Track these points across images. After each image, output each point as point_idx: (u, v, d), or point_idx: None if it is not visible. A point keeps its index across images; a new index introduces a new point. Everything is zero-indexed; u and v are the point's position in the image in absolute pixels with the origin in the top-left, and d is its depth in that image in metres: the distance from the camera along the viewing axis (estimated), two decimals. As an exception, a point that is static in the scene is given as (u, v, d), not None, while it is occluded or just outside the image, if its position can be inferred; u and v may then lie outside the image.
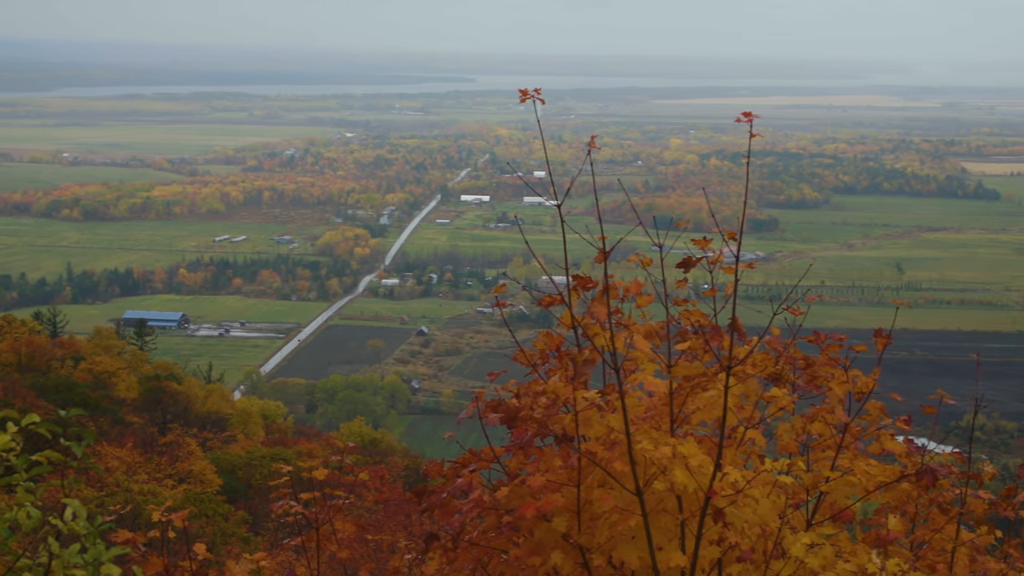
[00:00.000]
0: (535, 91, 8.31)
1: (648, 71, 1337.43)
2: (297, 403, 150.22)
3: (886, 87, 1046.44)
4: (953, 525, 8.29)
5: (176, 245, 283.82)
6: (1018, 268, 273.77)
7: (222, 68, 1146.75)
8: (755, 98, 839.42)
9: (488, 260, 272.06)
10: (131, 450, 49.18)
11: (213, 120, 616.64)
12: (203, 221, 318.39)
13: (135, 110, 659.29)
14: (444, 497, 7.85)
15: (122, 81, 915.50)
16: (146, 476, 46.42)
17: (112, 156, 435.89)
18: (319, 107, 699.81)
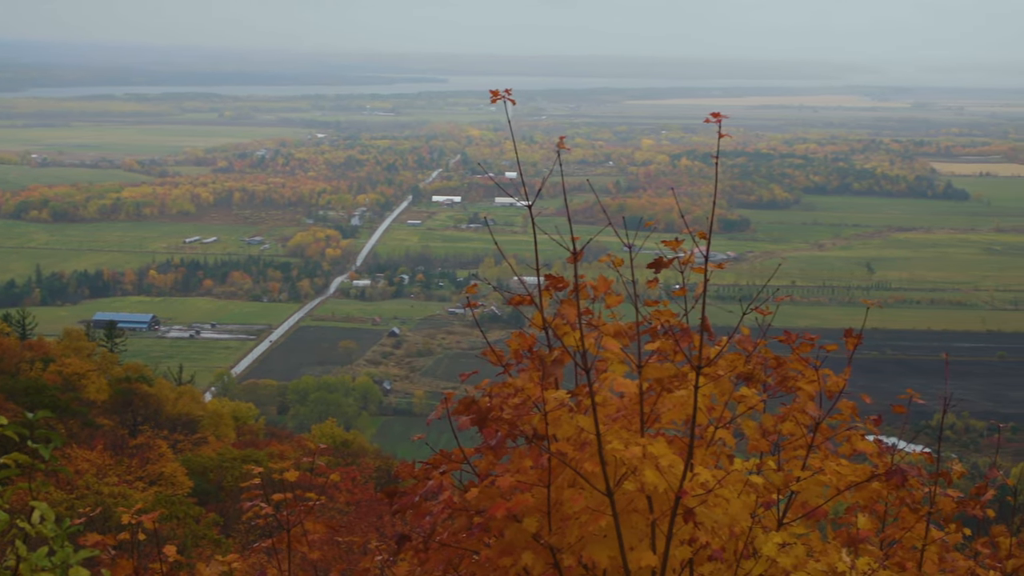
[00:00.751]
0: (506, 92, 8.31)
1: (620, 72, 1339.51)
2: (269, 405, 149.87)
3: (856, 87, 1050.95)
4: (923, 524, 8.33)
5: (146, 246, 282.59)
6: (987, 268, 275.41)
7: (193, 69, 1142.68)
8: (727, 99, 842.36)
9: (460, 261, 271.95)
10: (101, 452, 48.97)
11: (184, 121, 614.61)
12: (173, 222, 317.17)
13: (105, 111, 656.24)
14: (416, 498, 7.84)
15: (92, 82, 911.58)
16: (116, 478, 46.23)
17: (81, 157, 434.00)
18: (290, 108, 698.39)
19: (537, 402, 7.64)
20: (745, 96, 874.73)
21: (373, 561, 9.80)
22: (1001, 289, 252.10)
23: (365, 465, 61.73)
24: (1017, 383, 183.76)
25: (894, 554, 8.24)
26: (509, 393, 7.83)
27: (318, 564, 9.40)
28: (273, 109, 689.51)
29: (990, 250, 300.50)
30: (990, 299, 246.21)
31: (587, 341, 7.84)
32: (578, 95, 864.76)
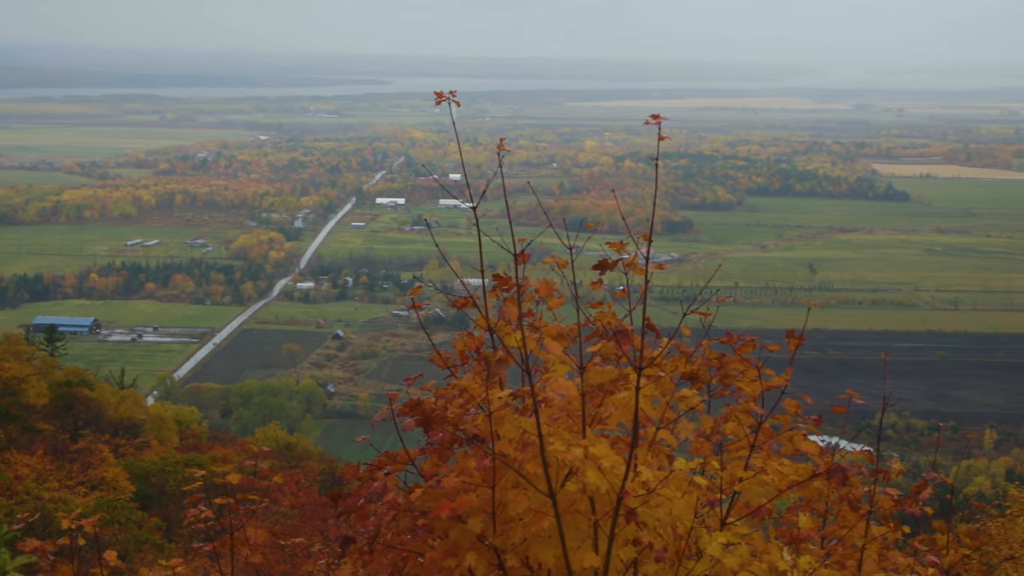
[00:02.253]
0: (451, 93, 8.31)
1: (563, 73, 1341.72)
2: (212, 408, 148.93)
3: (797, 89, 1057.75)
4: (863, 522, 8.40)
5: (87, 249, 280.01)
6: (928, 268, 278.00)
7: (133, 70, 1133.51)
8: (669, 100, 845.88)
9: (404, 263, 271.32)
10: (41, 457, 48.47)
11: (124, 123, 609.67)
12: (114, 225, 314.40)
13: (44, 113, 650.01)
14: (360, 501, 7.81)
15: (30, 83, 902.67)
16: (57, 483, 45.77)
17: (20, 159, 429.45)
18: (232, 109, 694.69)
19: (481, 402, 7.65)
20: (687, 98, 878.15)
21: (316, 564, 9.77)
22: (941, 289, 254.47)
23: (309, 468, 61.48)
24: (957, 382, 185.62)
25: (835, 552, 8.31)
26: (454, 394, 7.84)
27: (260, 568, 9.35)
28: (215, 111, 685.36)
29: (930, 251, 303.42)
30: (931, 299, 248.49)
31: (530, 343, 7.85)
32: (521, 97, 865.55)
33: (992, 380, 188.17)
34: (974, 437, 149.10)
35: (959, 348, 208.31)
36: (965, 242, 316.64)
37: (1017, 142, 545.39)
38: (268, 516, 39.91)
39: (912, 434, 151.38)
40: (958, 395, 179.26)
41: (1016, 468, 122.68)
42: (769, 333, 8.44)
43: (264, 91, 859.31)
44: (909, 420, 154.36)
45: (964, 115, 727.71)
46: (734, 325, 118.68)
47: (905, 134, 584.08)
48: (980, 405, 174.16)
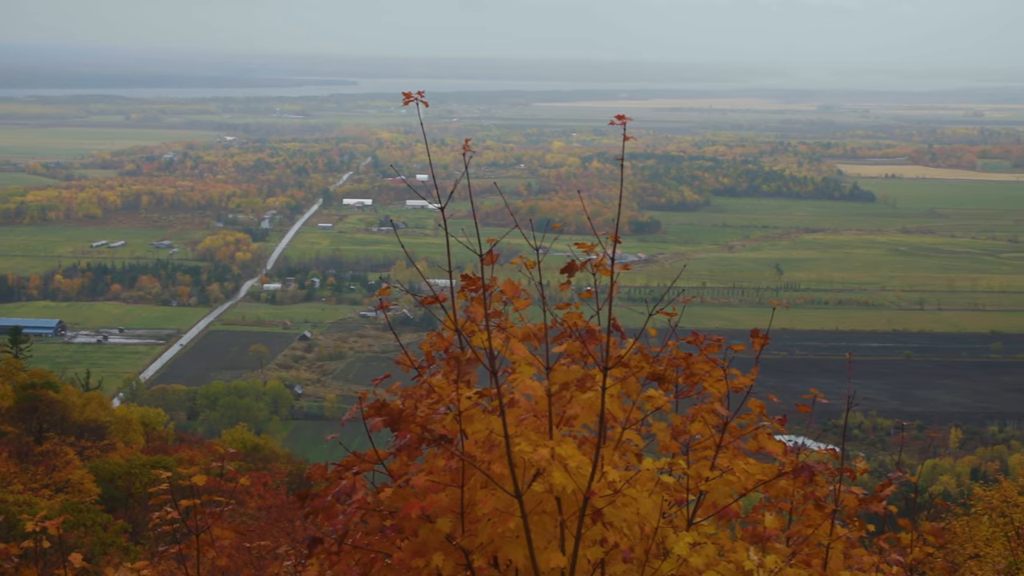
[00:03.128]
0: (419, 94, 8.30)
1: (530, 74, 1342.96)
2: (178, 410, 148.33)
3: (764, 90, 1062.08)
4: (828, 521, 8.43)
5: (52, 251, 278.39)
6: (893, 268, 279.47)
7: (98, 70, 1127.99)
8: (636, 101, 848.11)
9: (371, 264, 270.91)
10: (5, 460, 48.21)
11: (89, 123, 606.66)
12: (80, 226, 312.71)
13: (8, 113, 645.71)
14: (328, 500, 7.80)
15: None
16: (21, 486, 45.52)
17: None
18: (198, 110, 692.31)
19: (450, 402, 7.65)
20: (654, 99, 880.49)
21: (283, 566, 9.74)
22: (907, 289, 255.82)
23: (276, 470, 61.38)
24: (923, 382, 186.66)
25: (800, 551, 8.34)
26: (422, 394, 7.83)
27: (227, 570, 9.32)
28: (181, 112, 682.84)
29: (896, 251, 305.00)
30: (896, 299, 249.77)
31: (497, 343, 7.86)
32: (488, 97, 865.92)
33: (957, 380, 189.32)
34: (939, 436, 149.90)
35: (924, 348, 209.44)
36: (930, 242, 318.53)
37: (981, 143, 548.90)
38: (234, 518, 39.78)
39: (878, 433, 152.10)
40: (923, 394, 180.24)
41: (981, 467, 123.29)
42: (736, 333, 8.46)
43: (230, 92, 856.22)
44: (875, 419, 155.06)
45: (929, 116, 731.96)
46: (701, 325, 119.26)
47: (870, 135, 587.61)
48: (945, 404, 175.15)
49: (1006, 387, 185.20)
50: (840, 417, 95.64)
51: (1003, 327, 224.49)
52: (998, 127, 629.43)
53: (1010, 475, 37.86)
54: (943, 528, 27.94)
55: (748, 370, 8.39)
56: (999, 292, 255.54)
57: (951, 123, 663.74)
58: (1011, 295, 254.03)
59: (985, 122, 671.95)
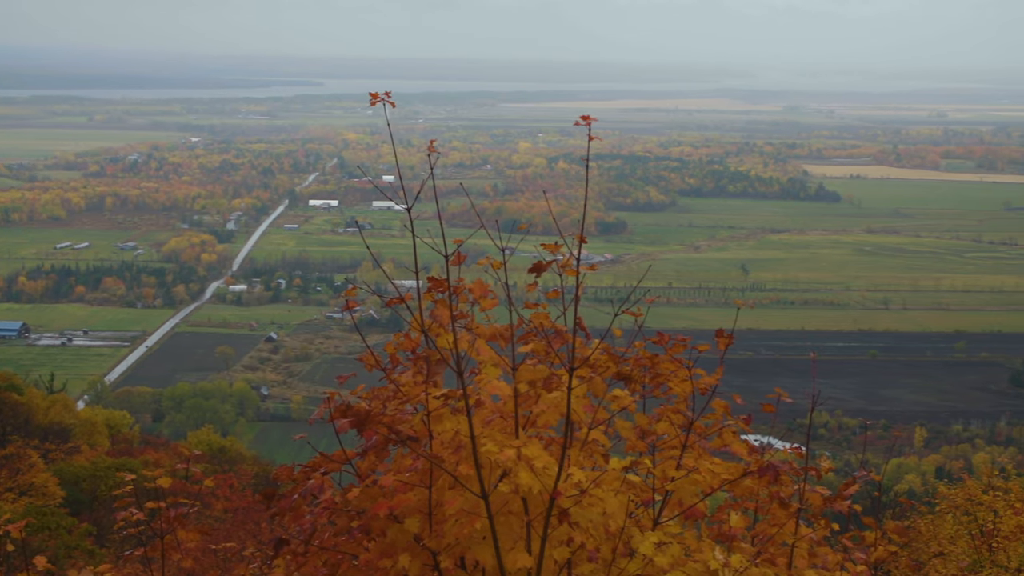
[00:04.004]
0: (385, 94, 8.30)
1: (496, 75, 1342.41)
2: (143, 412, 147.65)
3: (729, 91, 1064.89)
4: (793, 520, 8.46)
5: (15, 253, 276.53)
6: (859, 268, 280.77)
7: (60, 72, 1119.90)
8: (602, 102, 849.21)
9: (337, 265, 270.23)
10: (-30, 464, 47.91)
11: (53, 124, 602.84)
12: (43, 228, 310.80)
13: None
14: (295, 500, 7.78)
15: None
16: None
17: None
18: (163, 111, 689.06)
19: (417, 403, 7.64)
20: (620, 99, 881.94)
21: (248, 568, 9.70)
22: (872, 289, 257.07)
23: (243, 472, 61.18)
24: (888, 381, 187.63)
25: (766, 550, 8.37)
26: (389, 395, 7.82)
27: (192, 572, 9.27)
28: (145, 113, 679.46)
29: (861, 251, 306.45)
30: (861, 299, 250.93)
31: (463, 344, 7.86)
32: (455, 98, 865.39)
33: (922, 379, 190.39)
34: (904, 435, 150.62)
35: (890, 347, 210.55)
36: (895, 242, 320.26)
37: (945, 143, 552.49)
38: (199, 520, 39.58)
39: (844, 432, 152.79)
40: (889, 394, 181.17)
41: (945, 466, 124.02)
42: (702, 333, 8.49)
43: (195, 93, 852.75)
44: (841, 419, 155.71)
45: (893, 117, 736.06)
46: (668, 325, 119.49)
47: (835, 135, 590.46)
48: (911, 403, 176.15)
49: (970, 386, 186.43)
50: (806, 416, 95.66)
51: (967, 326, 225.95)
52: (961, 127, 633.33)
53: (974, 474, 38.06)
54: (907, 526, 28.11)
55: (714, 370, 8.41)
56: (963, 292, 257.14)
57: (915, 124, 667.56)
58: (975, 295, 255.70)
59: (949, 122, 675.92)
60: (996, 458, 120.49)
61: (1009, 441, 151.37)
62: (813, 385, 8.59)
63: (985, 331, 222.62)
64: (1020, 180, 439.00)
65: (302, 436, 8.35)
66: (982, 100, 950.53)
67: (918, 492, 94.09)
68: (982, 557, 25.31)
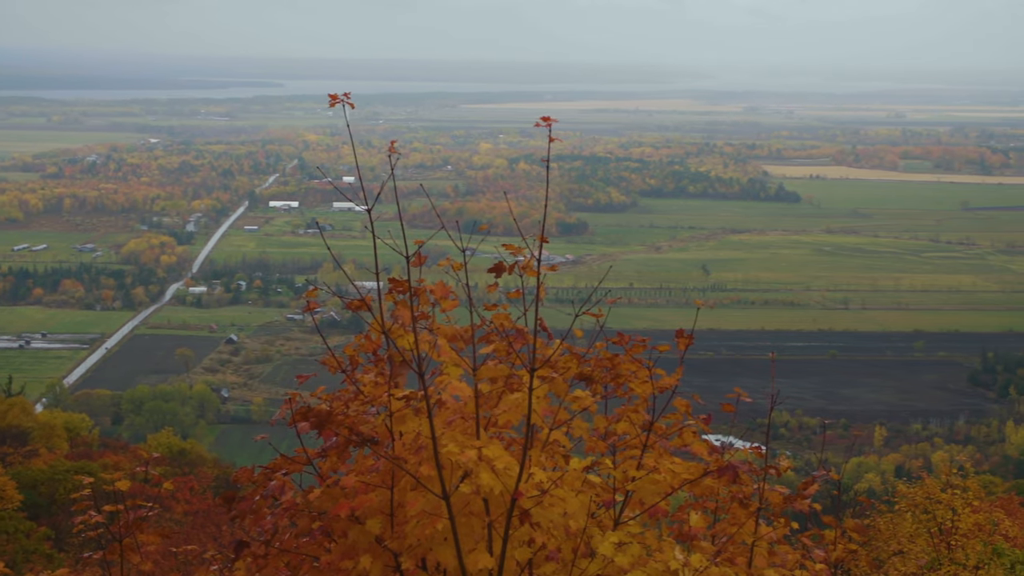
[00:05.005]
0: (345, 95, 8.28)
1: (456, 76, 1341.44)
2: (103, 415, 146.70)
3: (689, 92, 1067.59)
4: (753, 519, 8.50)
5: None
6: (818, 268, 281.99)
7: (16, 72, 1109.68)
8: (562, 103, 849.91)
9: (298, 266, 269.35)
10: (-74, 468, 47.50)
11: (9, 126, 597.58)
12: (0, 230, 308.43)
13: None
14: (255, 502, 7.75)
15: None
16: (-58, 494, 44.85)
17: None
18: (121, 112, 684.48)
19: (379, 404, 7.63)
20: (580, 100, 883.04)
21: (209, 571, 9.65)
22: (831, 289, 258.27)
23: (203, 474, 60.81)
24: (848, 380, 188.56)
25: (726, 550, 8.40)
26: (350, 396, 7.81)
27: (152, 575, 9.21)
28: (103, 114, 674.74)
29: (820, 251, 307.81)
30: (821, 299, 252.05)
31: (424, 345, 7.85)
32: (415, 99, 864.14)
33: (881, 378, 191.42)
34: (864, 434, 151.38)
35: (849, 347, 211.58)
36: (854, 242, 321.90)
37: (903, 143, 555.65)
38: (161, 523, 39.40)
39: (804, 432, 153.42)
40: (849, 393, 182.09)
41: (905, 465, 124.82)
42: (663, 334, 8.52)
43: (153, 93, 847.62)
44: (801, 418, 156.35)
45: (852, 117, 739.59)
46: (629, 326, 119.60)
47: (795, 136, 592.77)
48: (870, 403, 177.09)
49: (929, 385, 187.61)
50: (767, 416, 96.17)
51: (926, 326, 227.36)
52: (919, 128, 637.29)
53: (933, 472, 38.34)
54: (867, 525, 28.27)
55: (674, 370, 8.44)
56: (922, 291, 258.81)
57: (874, 124, 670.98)
58: (933, 294, 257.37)
59: (907, 123, 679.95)
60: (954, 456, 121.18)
61: (967, 440, 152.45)
62: (772, 385, 8.63)
63: (944, 330, 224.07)
64: (977, 180, 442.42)
65: (263, 437, 8.32)
66: (939, 101, 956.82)
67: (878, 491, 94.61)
68: (941, 555, 25.49)
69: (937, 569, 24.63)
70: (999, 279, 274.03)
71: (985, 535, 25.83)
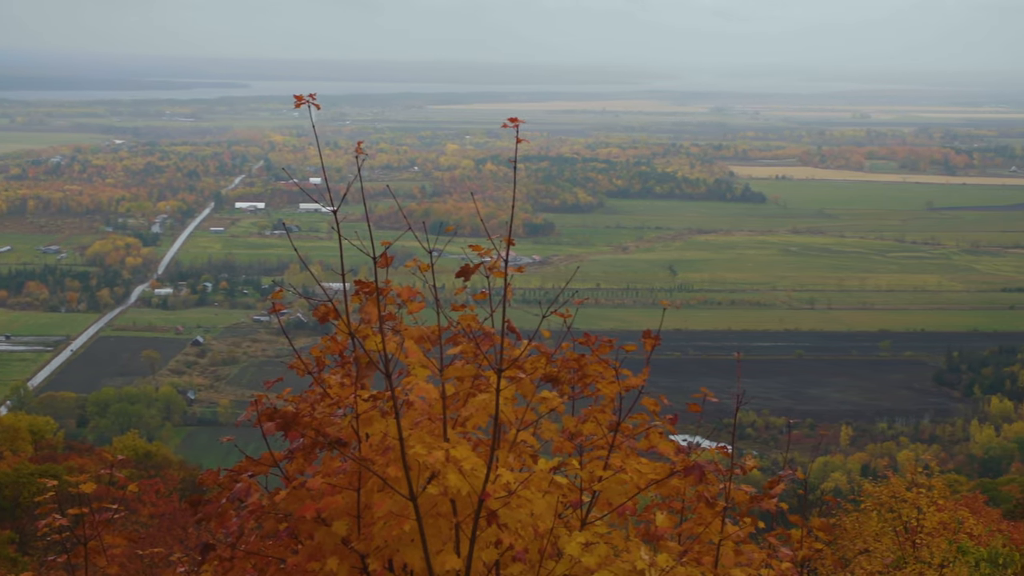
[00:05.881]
0: (310, 96, 8.27)
1: (423, 77, 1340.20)
2: (68, 418, 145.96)
3: (656, 92, 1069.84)
4: (719, 519, 8.53)
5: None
6: (784, 268, 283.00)
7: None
8: (529, 103, 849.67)
9: (264, 268, 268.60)
10: None
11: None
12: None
13: None
14: (221, 504, 7.73)
15: None
16: (-94, 498, 44.56)
17: None
18: (86, 113, 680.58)
19: (345, 405, 7.62)
20: (547, 101, 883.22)
21: (175, 573, 9.61)
22: (798, 289, 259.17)
23: (169, 477, 60.65)
24: (814, 380, 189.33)
25: (692, 549, 8.42)
26: (316, 398, 7.80)
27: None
28: (67, 115, 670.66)
29: (787, 251, 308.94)
30: (787, 299, 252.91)
31: (391, 346, 7.84)
32: (382, 100, 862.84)
33: (847, 377, 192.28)
34: (830, 434, 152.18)
35: (815, 347, 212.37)
36: (820, 242, 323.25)
37: (868, 144, 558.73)
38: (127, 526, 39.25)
39: (771, 432, 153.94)
40: (815, 393, 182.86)
41: (871, 464, 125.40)
42: (630, 334, 8.53)
43: (118, 94, 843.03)
44: (768, 418, 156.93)
45: (817, 118, 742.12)
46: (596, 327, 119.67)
47: (761, 136, 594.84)
48: (836, 402, 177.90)
49: (895, 384, 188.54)
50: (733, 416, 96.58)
51: (892, 325, 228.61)
52: (884, 128, 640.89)
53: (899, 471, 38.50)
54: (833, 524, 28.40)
55: (641, 371, 8.46)
56: (887, 291, 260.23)
57: (839, 125, 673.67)
58: (899, 294, 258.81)
59: (872, 124, 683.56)
60: (920, 455, 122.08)
61: (933, 439, 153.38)
62: (738, 385, 8.67)
63: (909, 330, 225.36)
64: (942, 180, 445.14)
65: (229, 439, 8.30)
66: (904, 102, 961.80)
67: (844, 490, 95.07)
68: (906, 553, 25.62)
69: (902, 567, 24.76)
70: (964, 279, 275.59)
71: (950, 533, 25.99)
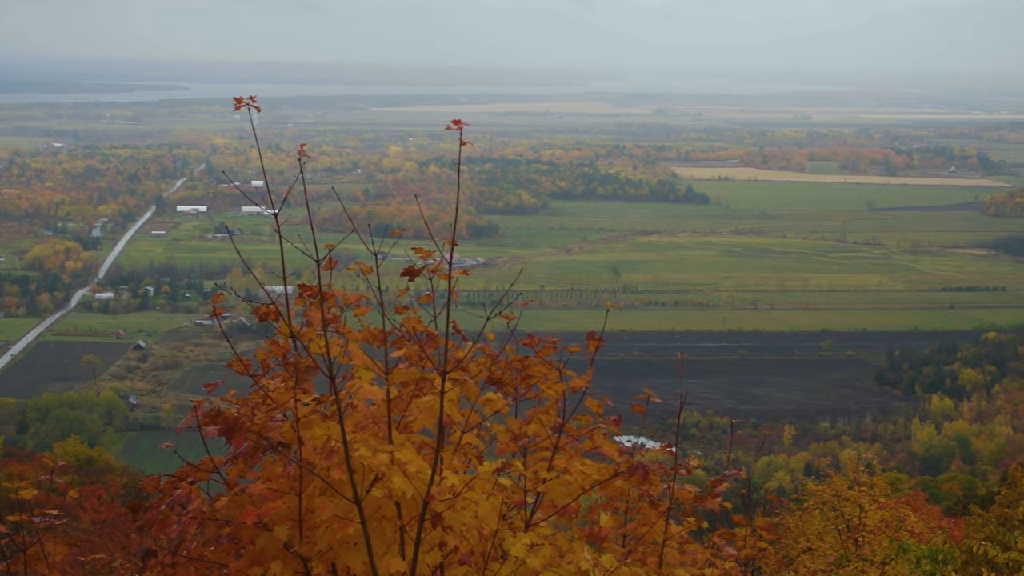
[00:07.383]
0: (251, 99, 8.24)
1: (366, 79, 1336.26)
2: (7, 424, 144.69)
3: (598, 94, 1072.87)
4: (663, 519, 8.56)
5: None
6: (727, 269, 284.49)
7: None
8: (472, 105, 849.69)
9: (207, 271, 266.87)
10: None
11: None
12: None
13: None
14: (162, 510, 7.67)
15: None
16: None
17: None
18: (24, 116, 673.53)
19: (286, 409, 7.58)
20: (490, 103, 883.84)
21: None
22: (740, 289, 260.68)
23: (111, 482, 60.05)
24: (757, 380, 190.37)
25: (636, 550, 8.45)
26: (258, 401, 7.76)
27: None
28: (6, 118, 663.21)
29: (729, 252, 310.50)
30: (730, 299, 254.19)
31: (335, 349, 7.82)
32: (324, 102, 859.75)
33: (790, 377, 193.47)
34: (773, 433, 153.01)
35: (758, 347, 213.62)
36: (762, 243, 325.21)
37: (810, 145, 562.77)
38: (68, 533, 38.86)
39: (715, 432, 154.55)
40: (758, 392, 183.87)
41: (813, 463, 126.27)
42: (575, 336, 8.54)
43: (57, 97, 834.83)
44: (711, 418, 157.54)
45: (759, 119, 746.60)
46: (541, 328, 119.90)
47: (703, 137, 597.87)
48: (779, 402, 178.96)
49: (837, 384, 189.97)
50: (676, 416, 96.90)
51: (833, 325, 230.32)
52: (825, 129, 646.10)
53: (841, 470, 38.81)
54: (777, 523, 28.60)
55: (585, 372, 8.47)
56: (829, 291, 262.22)
57: (780, 126, 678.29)
58: (840, 294, 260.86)
59: (813, 125, 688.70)
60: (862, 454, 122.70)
61: (875, 437, 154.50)
62: (681, 385, 8.70)
63: (851, 329, 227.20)
64: (882, 181, 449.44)
65: (169, 445, 8.23)
66: (844, 103, 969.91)
67: (787, 489, 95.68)
68: (849, 551, 25.84)
69: (845, 565, 24.96)
70: (904, 278, 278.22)
71: (891, 531, 26.25)
